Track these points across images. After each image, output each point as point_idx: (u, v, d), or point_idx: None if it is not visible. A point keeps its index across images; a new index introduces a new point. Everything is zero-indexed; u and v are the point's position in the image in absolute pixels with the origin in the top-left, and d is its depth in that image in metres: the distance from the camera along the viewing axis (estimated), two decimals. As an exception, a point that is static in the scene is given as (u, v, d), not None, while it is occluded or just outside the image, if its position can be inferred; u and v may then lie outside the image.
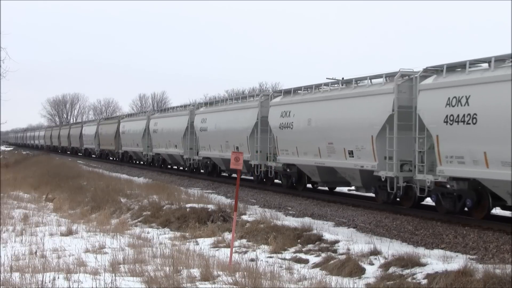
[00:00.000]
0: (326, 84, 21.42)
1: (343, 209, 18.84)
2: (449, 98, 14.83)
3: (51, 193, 23.35)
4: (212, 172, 32.02)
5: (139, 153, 45.15)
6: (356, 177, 19.26)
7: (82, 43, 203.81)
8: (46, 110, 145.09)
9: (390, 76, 17.68)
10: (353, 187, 20.96)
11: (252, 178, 27.91)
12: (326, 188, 23.49)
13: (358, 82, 19.36)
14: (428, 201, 17.94)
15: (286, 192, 23.88)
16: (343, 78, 21.50)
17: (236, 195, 11.93)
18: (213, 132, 29.97)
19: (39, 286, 8.55)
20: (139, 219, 17.76)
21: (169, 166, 41.07)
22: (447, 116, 14.85)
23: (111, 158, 56.25)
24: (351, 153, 18.73)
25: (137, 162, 48.60)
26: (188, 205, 17.65)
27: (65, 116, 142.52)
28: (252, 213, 16.81)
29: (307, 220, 16.13)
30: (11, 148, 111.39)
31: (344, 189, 22.80)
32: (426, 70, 16.37)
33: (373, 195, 20.32)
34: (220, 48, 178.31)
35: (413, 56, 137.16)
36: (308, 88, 22.22)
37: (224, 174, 31.82)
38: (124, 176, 33.97)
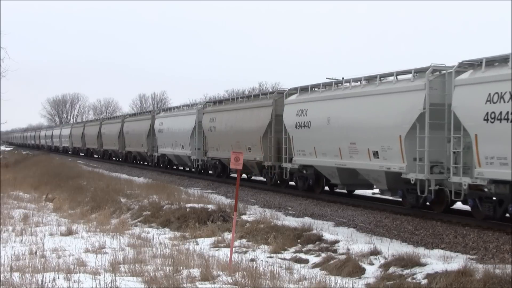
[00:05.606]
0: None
1: (343, 209, 18.82)
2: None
3: (51, 193, 23.36)
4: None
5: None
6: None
7: (82, 43, 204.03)
8: (46, 110, 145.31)
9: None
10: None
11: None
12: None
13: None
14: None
15: (286, 192, 23.83)
16: (343, 78, 21.08)
17: (236, 195, 11.92)
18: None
19: (39, 286, 8.55)
20: (139, 219, 17.78)
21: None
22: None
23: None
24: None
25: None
26: (188, 205, 17.66)
27: (65, 116, 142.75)
28: (252, 213, 16.82)
29: (307, 220, 16.12)
30: (11, 148, 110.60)
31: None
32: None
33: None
34: (219, 48, 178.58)
35: (413, 56, 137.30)
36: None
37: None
38: (124, 176, 33.96)
